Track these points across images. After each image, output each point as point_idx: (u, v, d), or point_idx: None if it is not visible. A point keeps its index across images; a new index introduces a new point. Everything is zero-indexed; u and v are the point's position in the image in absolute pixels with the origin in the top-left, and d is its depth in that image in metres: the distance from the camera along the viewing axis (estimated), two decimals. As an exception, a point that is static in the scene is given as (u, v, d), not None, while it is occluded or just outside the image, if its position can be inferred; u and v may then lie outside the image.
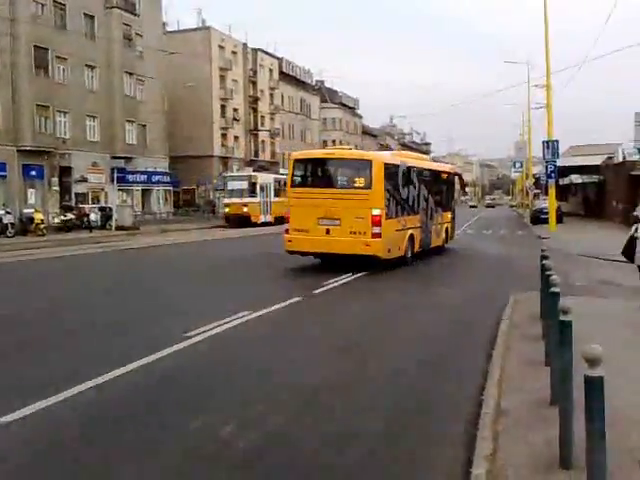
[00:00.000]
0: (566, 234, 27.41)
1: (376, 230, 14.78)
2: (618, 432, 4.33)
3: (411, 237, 17.18)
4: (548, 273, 6.56)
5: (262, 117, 68.78)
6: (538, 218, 37.08)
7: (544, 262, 7.69)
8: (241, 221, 37.93)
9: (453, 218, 22.47)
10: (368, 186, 14.97)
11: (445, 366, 6.91)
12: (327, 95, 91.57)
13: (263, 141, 69.19)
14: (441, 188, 21.25)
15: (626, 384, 5.59)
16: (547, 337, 6.36)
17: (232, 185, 39.90)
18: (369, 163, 15.20)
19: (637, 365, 6.42)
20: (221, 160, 58.60)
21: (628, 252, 9.23)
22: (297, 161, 16.17)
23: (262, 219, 39.58)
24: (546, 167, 30.95)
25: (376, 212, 14.86)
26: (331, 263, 15.61)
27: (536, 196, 57.76)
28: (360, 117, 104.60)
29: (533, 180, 57.80)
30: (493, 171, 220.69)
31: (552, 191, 30.79)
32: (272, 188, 40.86)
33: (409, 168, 17.58)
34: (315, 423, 5.13)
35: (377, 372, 6.63)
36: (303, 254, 15.69)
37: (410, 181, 17.43)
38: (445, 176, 22.09)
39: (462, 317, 9.87)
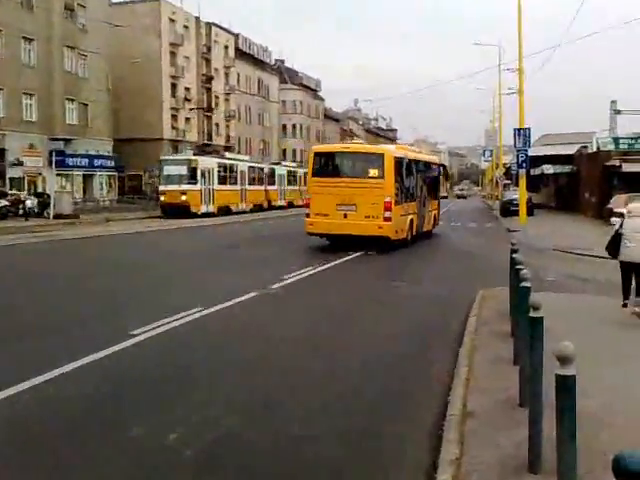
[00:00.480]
0: (537, 227, 27.96)
1: (388, 214, 18.45)
2: (588, 434, 4.43)
3: (411, 222, 20.83)
4: (518, 267, 6.66)
5: (216, 98, 68.08)
6: (508, 210, 37.73)
7: (514, 256, 7.81)
8: (179, 211, 35.48)
9: (439, 206, 26.74)
10: (381, 176, 18.63)
11: (409, 366, 6.96)
12: (287, 76, 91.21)
13: (217, 124, 68.52)
14: (431, 178, 24.98)
15: (598, 383, 5.73)
16: (516, 335, 6.47)
17: (168, 170, 37.14)
18: (382, 156, 18.93)
19: (609, 363, 6.58)
20: (171, 143, 57.80)
21: (612, 248, 9.44)
22: (317, 154, 19.85)
23: (203, 209, 37.50)
24: (517, 156, 31.49)
25: (388, 199, 18.52)
26: (346, 243, 18.74)
27: (506, 187, 58.73)
28: (322, 100, 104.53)
29: (503, 170, 58.85)
30: (462, 160, 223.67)
31: (523, 182, 31.35)
32: (215, 174, 39.04)
33: (410, 160, 21.39)
34: (269, 425, 5.11)
35: (338, 368, 6.65)
36: (322, 236, 19.53)
37: (410, 172, 21.23)
38: (434, 167, 26.01)
39: (427, 314, 9.97)
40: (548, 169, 44.73)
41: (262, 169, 48.72)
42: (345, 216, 18.61)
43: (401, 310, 10.25)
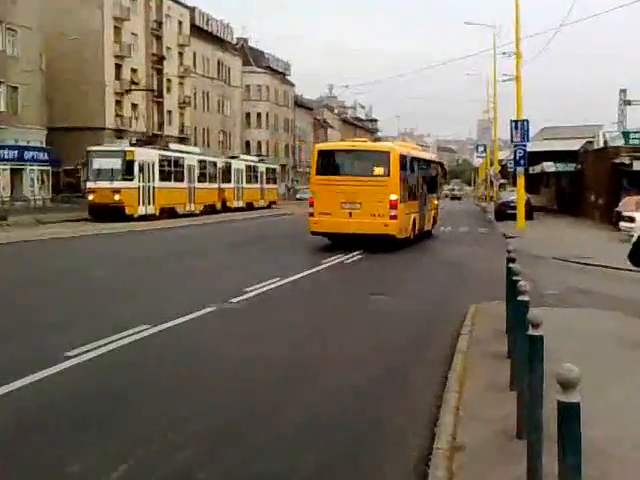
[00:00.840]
0: (536, 233, 28.31)
1: (393, 213, 20.59)
2: (595, 469, 4.47)
3: (414, 221, 23.26)
4: (515, 279, 6.71)
5: (169, 81, 67.78)
6: (504, 213, 38.17)
7: (510, 266, 7.86)
8: (111, 213, 34.04)
9: (438, 205, 29.57)
10: (387, 174, 20.78)
11: (389, 393, 6.97)
12: (251, 57, 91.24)
13: (170, 112, 68.20)
14: (431, 176, 27.41)
15: (606, 412, 5.80)
16: (513, 356, 6.51)
17: (98, 163, 35.35)
18: (388, 154, 21.10)
19: (618, 390, 6.66)
20: (115, 134, 57.30)
21: (635, 257, 9.53)
22: (321, 152, 21.97)
23: (141, 211, 36.16)
24: (514, 152, 31.88)
25: (394, 197, 20.66)
26: (349, 242, 20.84)
27: (502, 187, 59.38)
28: (292, 85, 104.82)
29: (498, 168, 59.53)
30: (452, 156, 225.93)
31: (521, 181, 31.74)
32: (157, 169, 37.96)
33: (412, 158, 23.77)
34: (219, 465, 5.07)
35: (311, 397, 6.63)
36: (326, 235, 21.61)
37: (413, 170, 23.67)
38: (433, 165, 28.40)
39: (411, 332, 10.02)
40: (549, 167, 45.37)
41: (215, 164, 47.35)
42: (350, 215, 20.72)
43: (381, 328, 10.28)
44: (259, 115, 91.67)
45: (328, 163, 21.86)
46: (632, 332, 9.35)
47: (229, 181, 49.13)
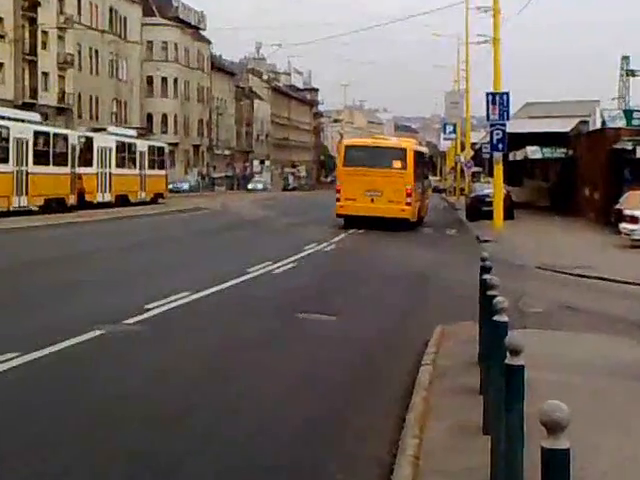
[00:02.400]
0: (518, 236, 28.78)
1: (409, 200, 31.84)
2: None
3: (419, 208, 34.90)
4: (490, 293, 6.81)
5: (45, 34, 66.62)
6: (478, 210, 38.62)
7: (485, 277, 7.97)
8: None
9: (430, 195, 42.62)
10: (404, 167, 32.06)
11: (329, 442, 6.98)
12: (154, 5, 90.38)
13: (46, 74, 67.02)
14: (425, 168, 38.75)
15: (599, 460, 5.93)
16: (487, 391, 6.61)
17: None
18: (405, 150, 33.14)
19: (616, 433, 6.82)
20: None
21: None
22: (348, 147, 34.71)
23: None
24: (491, 133, 32.37)
25: (409, 187, 31.86)
26: (366, 224, 31.05)
27: (475, 177, 60.08)
28: (208, 43, 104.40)
29: (471, 153, 60.28)
30: (414, 137, 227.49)
31: (499, 170, 32.24)
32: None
33: (418, 152, 35.55)
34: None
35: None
36: (350, 217, 32.02)
37: (419, 163, 34.94)
38: (426, 158, 40.28)
39: (361, 362, 10.09)
40: (534, 153, 45.99)
41: (66, 138, 42.90)
42: (372, 200, 31.63)
43: (319, 358, 10.30)
44: (165, 80, 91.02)
45: (354, 156, 32.89)
46: (634, 361, 9.57)
47: (89, 164, 45.24)
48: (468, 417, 7.07)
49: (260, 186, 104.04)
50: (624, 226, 25.80)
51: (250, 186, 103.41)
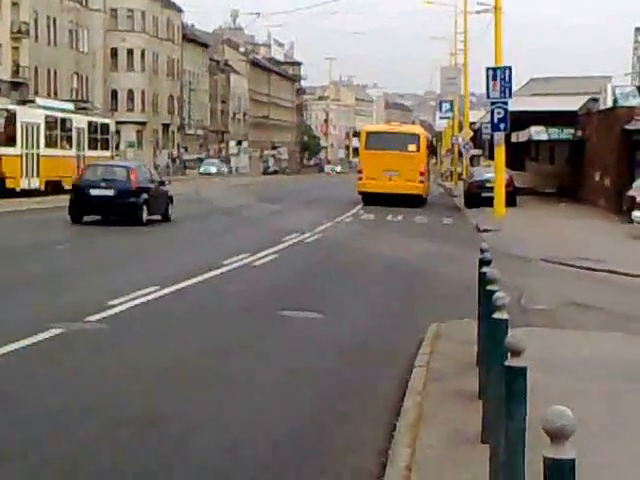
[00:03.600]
0: (521, 225, 28.85)
1: (422, 179, 41.07)
2: None
3: (429, 186, 45.81)
4: (490, 288, 6.82)
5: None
6: (477, 197, 38.73)
7: (484, 271, 7.98)
8: None
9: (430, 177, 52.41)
10: (417, 150, 41.32)
11: (318, 455, 7.00)
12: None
13: (-1, 44, 66.67)
14: (429, 151, 49.03)
15: (607, 471, 5.96)
16: (486, 395, 6.63)
17: None
18: (419, 136, 43.45)
19: (626, 441, 6.85)
20: None
21: None
22: (368, 132, 44.37)
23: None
24: (491, 112, 32.39)
25: (422, 167, 41.19)
26: (382, 201, 38.85)
27: (474, 160, 60.13)
28: (179, 11, 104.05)
29: (470, 133, 60.30)
30: (406, 115, 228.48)
31: (500, 152, 32.28)
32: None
33: (428, 138, 45.81)
34: None
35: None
36: (370, 194, 40.43)
37: (427, 148, 44.59)
38: (431, 141, 50.59)
39: (349, 365, 10.11)
40: (539, 133, 46.07)
41: None
42: (390, 179, 40.35)
43: (302, 360, 10.30)
44: (130, 53, 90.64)
45: (374, 141, 42.01)
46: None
47: (11, 144, 41.74)
48: (465, 424, 7.09)
49: (213, 169, 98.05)
50: (637, 214, 25.87)
51: (201, 170, 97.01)
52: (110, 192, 26.50)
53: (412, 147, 41.32)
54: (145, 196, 27.16)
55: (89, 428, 7.35)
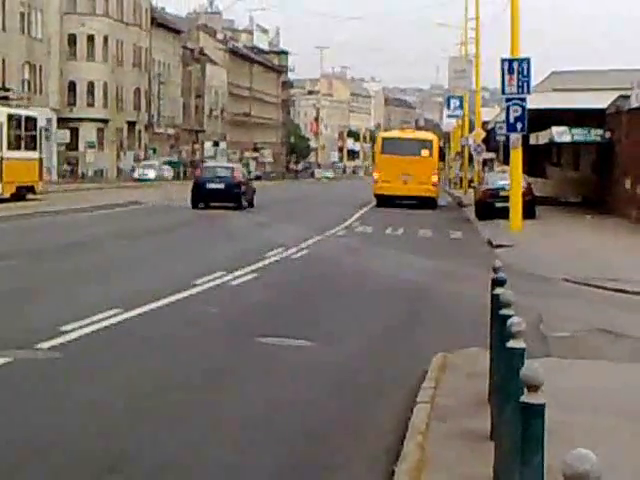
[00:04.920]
0: (540, 240, 28.89)
1: (434, 181, 51.45)
2: None
3: (440, 190, 58.73)
4: (504, 313, 6.80)
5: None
6: (490, 207, 38.68)
7: (498, 292, 7.96)
8: None
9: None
10: (431, 155, 51.77)
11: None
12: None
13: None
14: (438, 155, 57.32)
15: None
16: (498, 436, 6.58)
17: None
18: (432, 142, 53.57)
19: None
20: None
21: None
22: (385, 138, 55.65)
23: None
24: (507, 110, 32.41)
25: (435, 171, 51.65)
26: (395, 204, 48.52)
27: (487, 165, 60.25)
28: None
29: (482, 134, 60.45)
30: (408, 113, 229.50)
31: (517, 156, 32.28)
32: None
33: (438, 142, 57.95)
34: None
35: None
36: (385, 196, 50.21)
37: (438, 153, 55.98)
38: (441, 147, 65.95)
39: (342, 400, 10.13)
40: (561, 135, 46.08)
41: None
42: (405, 182, 48.38)
43: (284, 393, 10.27)
44: (91, 39, 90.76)
45: (389, 146, 51.14)
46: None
47: None
48: (474, 469, 7.07)
49: (151, 175, 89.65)
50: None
51: (136, 174, 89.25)
52: (221, 185, 43.05)
53: (425, 152, 50.50)
54: (243, 188, 44.42)
55: (35, 474, 7.30)
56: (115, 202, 46.89)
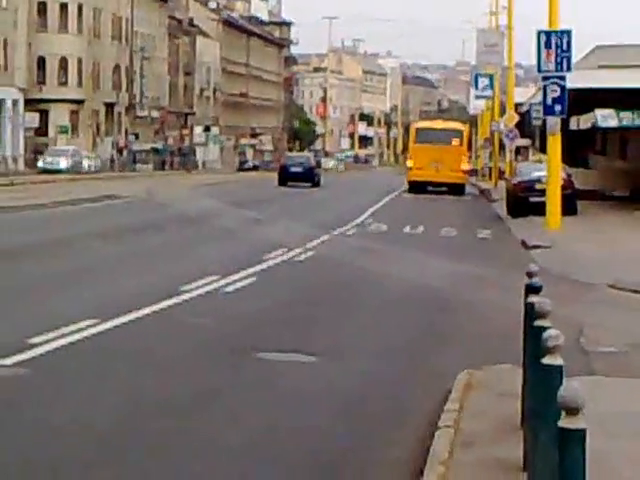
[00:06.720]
0: (582, 239, 28.90)
1: (464, 168, 68.79)
2: None
3: (468, 177, 78.96)
4: (540, 324, 6.80)
5: None
6: (524, 202, 38.72)
7: (533, 300, 7.97)
8: None
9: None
10: (461, 144, 69.42)
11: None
12: None
13: None
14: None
15: None
16: (532, 467, 6.59)
17: None
18: (462, 131, 71.99)
19: None
20: None
21: None
22: (418, 129, 73.14)
23: None
24: (544, 90, 32.39)
25: (464, 159, 70.08)
26: (427, 190, 63.52)
27: (521, 154, 60.25)
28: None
29: (514, 118, 60.45)
30: (429, 93, 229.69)
31: (555, 143, 32.28)
32: None
33: (467, 132, 79.89)
34: None
35: None
36: (418, 182, 65.82)
37: (467, 140, 79.44)
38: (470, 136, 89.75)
39: (355, 424, 10.15)
40: (606, 119, 46.08)
41: None
42: (437, 170, 63.14)
43: (285, 418, 10.29)
44: (64, 8, 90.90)
45: (422, 136, 65.96)
46: None
47: None
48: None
49: (61, 164, 79.90)
50: None
51: (41, 164, 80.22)
52: (300, 169, 69.77)
53: (455, 141, 64.64)
54: (316, 171, 73.34)
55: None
56: (107, 195, 47.58)
